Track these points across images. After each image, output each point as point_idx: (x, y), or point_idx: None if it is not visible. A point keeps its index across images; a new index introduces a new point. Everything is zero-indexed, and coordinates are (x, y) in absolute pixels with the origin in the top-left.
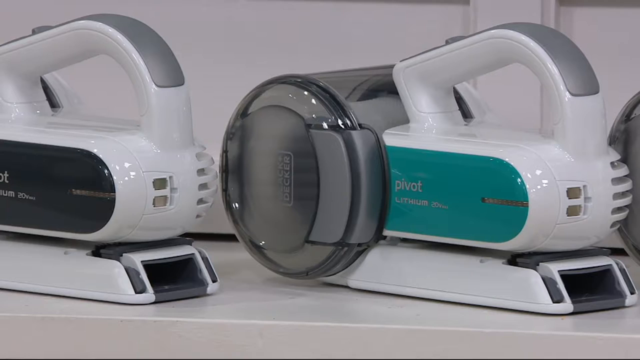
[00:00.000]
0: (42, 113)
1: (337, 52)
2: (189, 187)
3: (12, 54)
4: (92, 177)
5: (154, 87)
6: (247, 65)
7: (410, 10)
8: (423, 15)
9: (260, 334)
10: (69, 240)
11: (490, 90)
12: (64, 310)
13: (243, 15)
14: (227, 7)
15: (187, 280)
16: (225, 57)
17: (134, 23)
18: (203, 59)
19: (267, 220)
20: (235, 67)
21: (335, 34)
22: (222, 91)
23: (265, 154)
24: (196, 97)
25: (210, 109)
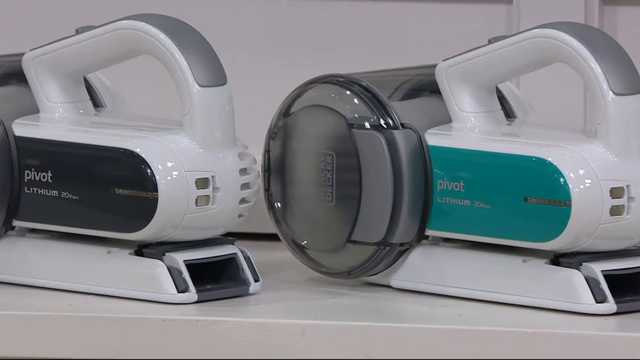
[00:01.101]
0: (86, 113)
1: (379, 52)
2: (231, 187)
3: (56, 53)
4: (135, 177)
5: (196, 86)
6: (289, 64)
7: (453, 10)
8: (466, 15)
9: (303, 334)
10: (112, 239)
11: (533, 89)
12: (107, 309)
13: (285, 15)
14: (270, 7)
15: (230, 280)
16: (268, 57)
17: (177, 23)
18: (246, 58)
19: (309, 219)
20: (277, 66)
21: (377, 34)
22: (264, 91)
23: (308, 153)
24: (238, 96)
25: (253, 108)
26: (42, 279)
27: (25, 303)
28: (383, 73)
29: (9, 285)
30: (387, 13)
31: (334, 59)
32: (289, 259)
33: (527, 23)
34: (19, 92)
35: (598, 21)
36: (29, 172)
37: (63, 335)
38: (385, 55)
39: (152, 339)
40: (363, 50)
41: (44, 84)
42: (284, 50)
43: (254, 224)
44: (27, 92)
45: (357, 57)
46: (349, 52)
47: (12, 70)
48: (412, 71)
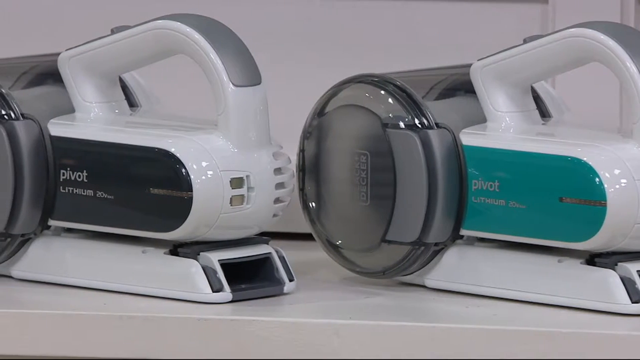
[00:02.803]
0: (121, 112)
1: (413, 52)
2: (265, 186)
3: (92, 53)
4: (169, 176)
5: (231, 86)
6: (324, 64)
7: (488, 9)
8: (501, 14)
9: (337, 333)
10: (147, 239)
11: (568, 89)
12: (142, 308)
13: (320, 14)
14: (304, 7)
15: (264, 279)
16: (303, 57)
17: (212, 23)
18: (280, 58)
19: (343, 219)
20: (312, 66)
21: (412, 34)
22: (299, 90)
23: (342, 153)
24: (273, 96)
25: (287, 108)
26: (77, 278)
27: (61, 302)
28: (418, 73)
29: (45, 285)
30: (422, 13)
31: (368, 59)
32: (323, 258)
33: (562, 22)
34: (54, 92)
35: (634, 21)
36: (64, 172)
37: (98, 334)
38: (420, 54)
39: (187, 339)
40: (398, 50)
41: (79, 84)
42: (319, 50)
43: (288, 224)
44: (63, 92)
45: (392, 56)
46: (384, 51)
47: (48, 70)
48: (447, 71)
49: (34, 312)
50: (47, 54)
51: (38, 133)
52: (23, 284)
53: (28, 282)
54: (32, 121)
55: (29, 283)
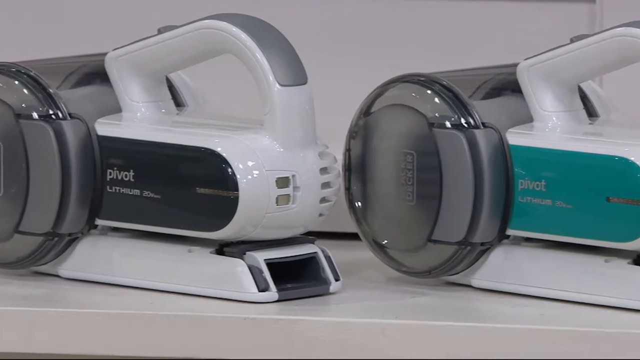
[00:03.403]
0: (167, 112)
1: (460, 51)
2: (311, 186)
3: (138, 53)
4: (215, 176)
5: (277, 86)
6: (370, 64)
7: (535, 9)
8: (548, 14)
9: (383, 333)
10: (193, 238)
11: (616, 88)
12: (188, 308)
13: (367, 13)
14: (351, 6)
15: (310, 279)
16: (349, 56)
17: (258, 22)
18: (326, 57)
19: (389, 219)
20: (358, 66)
21: (458, 33)
22: (345, 90)
23: (388, 152)
24: (319, 95)
25: (333, 107)
26: (124, 277)
27: (108, 301)
28: (464, 72)
29: (92, 284)
30: (468, 12)
31: (414, 58)
32: (369, 258)
33: (610, 22)
34: (101, 91)
35: None
36: (111, 171)
37: (145, 333)
38: (466, 54)
39: (233, 338)
40: (444, 50)
41: (126, 84)
42: (365, 50)
43: (334, 223)
44: (110, 92)
45: (438, 56)
46: (430, 51)
47: (95, 70)
48: (493, 70)
49: (81, 312)
50: (94, 54)
51: (85, 133)
52: (70, 283)
53: (75, 281)
54: (79, 121)
55: (76, 282)
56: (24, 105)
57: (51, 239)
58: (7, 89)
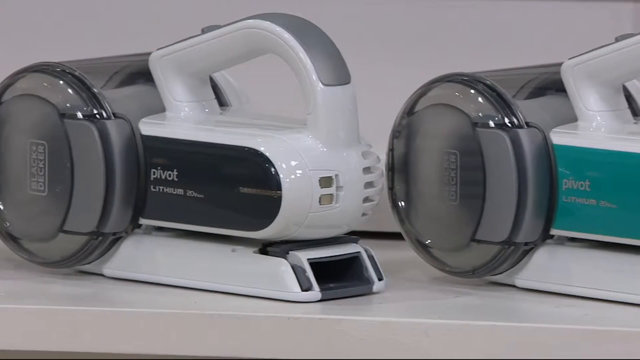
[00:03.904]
0: (211, 112)
1: (503, 50)
2: (354, 186)
3: (182, 53)
4: (259, 175)
5: (320, 85)
6: (413, 63)
7: (579, 8)
8: (593, 13)
9: (426, 333)
10: (237, 237)
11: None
12: (232, 307)
13: (410, 13)
14: (394, 6)
15: (353, 279)
16: (392, 56)
17: (302, 22)
18: (369, 57)
19: (433, 218)
20: (401, 65)
21: (501, 32)
22: (388, 89)
23: (431, 152)
24: (362, 95)
25: (376, 107)
26: (167, 276)
27: (152, 300)
28: (508, 72)
29: (136, 283)
30: (511, 11)
31: (458, 58)
32: (412, 257)
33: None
34: (145, 91)
35: None
36: (155, 171)
37: (188, 332)
38: (510, 53)
39: (276, 337)
40: (487, 49)
41: (170, 83)
42: (408, 49)
43: (377, 223)
44: (154, 91)
45: (482, 55)
46: (474, 50)
47: (139, 70)
48: (537, 70)
49: (125, 311)
50: (138, 54)
51: (129, 132)
52: (114, 282)
53: (119, 280)
54: (123, 120)
55: (120, 281)
56: (68, 105)
57: (95, 238)
58: (52, 89)
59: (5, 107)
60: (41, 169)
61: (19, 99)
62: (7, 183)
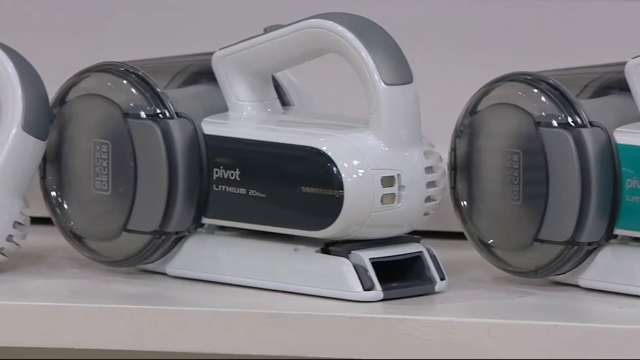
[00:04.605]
0: (273, 111)
1: (567, 50)
2: (417, 185)
3: (245, 52)
4: (321, 175)
5: (382, 85)
6: (476, 62)
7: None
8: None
9: (488, 333)
10: (299, 237)
11: None
12: (293, 306)
13: (472, 12)
14: (455, 5)
15: (415, 278)
16: (454, 55)
17: (364, 21)
18: (432, 56)
19: (495, 218)
20: (464, 64)
21: (565, 31)
22: (450, 89)
23: (494, 151)
24: (424, 94)
25: (439, 106)
26: (230, 275)
27: (214, 300)
28: (571, 71)
29: (198, 282)
30: (575, 10)
31: (521, 57)
32: (475, 257)
33: None
34: (208, 90)
35: None
36: (217, 170)
37: (250, 331)
38: (574, 52)
39: (338, 337)
40: (551, 48)
41: (232, 83)
42: (471, 48)
43: (439, 222)
44: (217, 91)
45: (545, 54)
46: (537, 49)
47: (202, 69)
48: (601, 69)
49: (187, 310)
50: (201, 53)
51: (192, 132)
52: (177, 282)
53: (182, 279)
54: (186, 120)
55: (183, 280)
56: (131, 105)
57: (158, 237)
58: (116, 89)
59: (69, 106)
60: (105, 168)
61: (82, 99)
62: (71, 182)
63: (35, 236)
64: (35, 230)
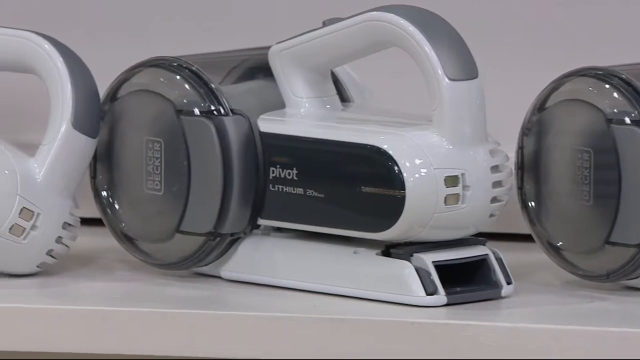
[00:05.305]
0: (332, 108)
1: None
2: (482, 185)
3: (303, 47)
4: (382, 174)
5: (446, 80)
6: (543, 57)
7: None
8: None
9: (556, 339)
10: (358, 239)
11: None
12: (353, 311)
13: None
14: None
15: (480, 282)
16: (521, 49)
17: (427, 14)
18: (497, 50)
19: (565, 219)
20: (531, 58)
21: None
22: (517, 84)
23: (563, 150)
24: (490, 90)
25: (505, 103)
26: (287, 279)
27: (270, 304)
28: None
29: (254, 286)
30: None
31: (591, 51)
32: (543, 260)
33: None
34: (264, 86)
35: None
36: (274, 169)
37: (308, 337)
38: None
39: (399, 343)
40: (623, 42)
41: (290, 78)
42: (539, 42)
43: (506, 224)
44: (273, 87)
45: (616, 48)
46: (608, 43)
47: (258, 64)
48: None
49: (243, 314)
50: (257, 48)
51: (247, 129)
52: (232, 285)
53: (237, 283)
54: (241, 117)
55: (238, 284)
56: (185, 101)
57: (213, 239)
58: (169, 84)
59: (121, 103)
60: (157, 167)
61: (134, 95)
62: (123, 182)
63: (86, 238)
64: (86, 231)
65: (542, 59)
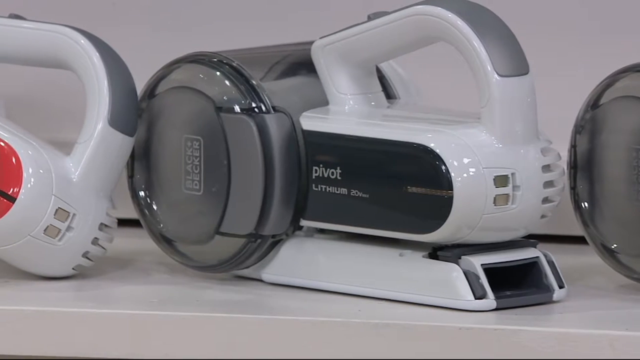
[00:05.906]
0: (377, 105)
1: None
2: (533, 185)
3: (346, 41)
4: (428, 174)
5: (495, 76)
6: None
7: None
8: None
9: (611, 345)
10: (404, 241)
11: None
12: (399, 316)
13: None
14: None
15: (531, 286)
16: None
17: (476, 7)
18: (549, 45)
19: (620, 220)
20: (584, 54)
21: None
22: (570, 80)
23: (618, 148)
24: (541, 87)
25: (557, 100)
26: (330, 282)
27: (313, 308)
28: None
29: (296, 289)
30: None
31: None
32: (597, 263)
33: None
34: (307, 83)
35: None
36: (317, 169)
37: (352, 342)
38: None
39: (447, 348)
40: None
41: (333, 74)
42: (592, 36)
43: (558, 226)
44: (316, 83)
45: None
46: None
47: (300, 60)
48: None
49: (285, 319)
50: (300, 43)
51: (290, 127)
52: (273, 288)
53: (278, 286)
54: (283, 114)
55: (280, 287)
56: (225, 98)
57: (254, 240)
58: (208, 81)
59: (159, 99)
60: (196, 166)
61: (173, 92)
62: (161, 182)
63: (123, 239)
64: (123, 232)
65: (596, 53)
